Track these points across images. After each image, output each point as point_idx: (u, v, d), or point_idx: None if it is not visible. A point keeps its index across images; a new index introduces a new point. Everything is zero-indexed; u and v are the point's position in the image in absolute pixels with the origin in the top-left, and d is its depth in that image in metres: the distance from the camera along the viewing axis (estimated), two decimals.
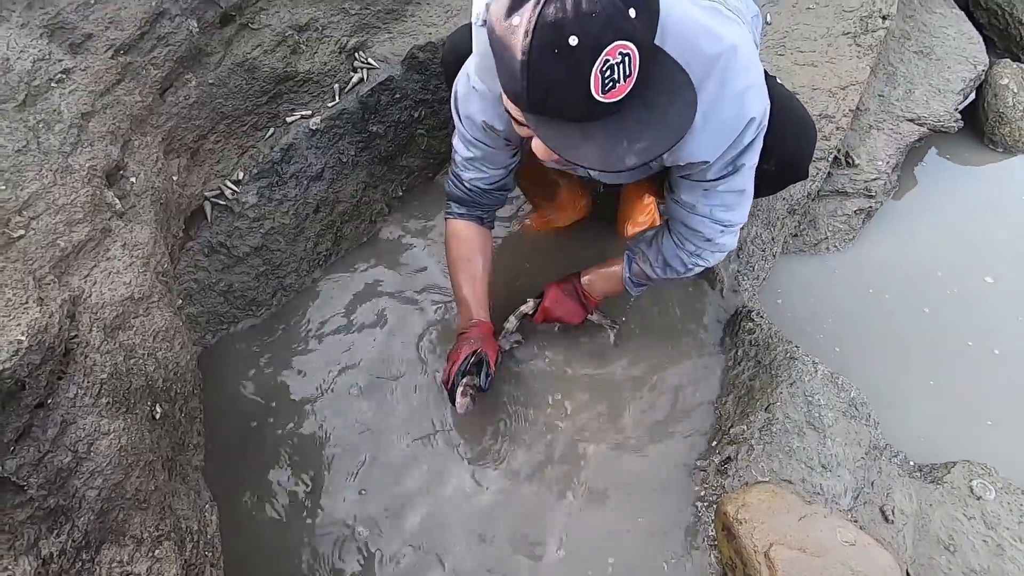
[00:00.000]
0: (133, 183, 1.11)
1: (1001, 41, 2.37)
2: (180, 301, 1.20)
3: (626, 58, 0.68)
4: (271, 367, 1.47)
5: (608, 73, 0.68)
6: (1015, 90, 1.99)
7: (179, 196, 1.29)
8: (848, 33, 1.91)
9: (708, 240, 1.14)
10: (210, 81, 1.42)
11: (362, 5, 1.67)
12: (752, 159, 1.02)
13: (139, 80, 1.24)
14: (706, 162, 0.99)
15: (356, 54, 1.66)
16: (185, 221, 1.34)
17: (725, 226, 1.12)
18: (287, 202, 1.52)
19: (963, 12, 2.25)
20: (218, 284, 1.43)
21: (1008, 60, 2.12)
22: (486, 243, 1.34)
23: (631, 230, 1.60)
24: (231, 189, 1.42)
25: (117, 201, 1.02)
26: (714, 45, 0.88)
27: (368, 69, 1.65)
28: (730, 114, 0.93)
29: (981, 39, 2.10)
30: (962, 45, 2.06)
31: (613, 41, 0.67)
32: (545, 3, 0.67)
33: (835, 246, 1.78)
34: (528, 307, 1.40)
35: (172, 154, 1.31)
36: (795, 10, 1.96)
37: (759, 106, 0.95)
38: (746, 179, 1.05)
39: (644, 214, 1.62)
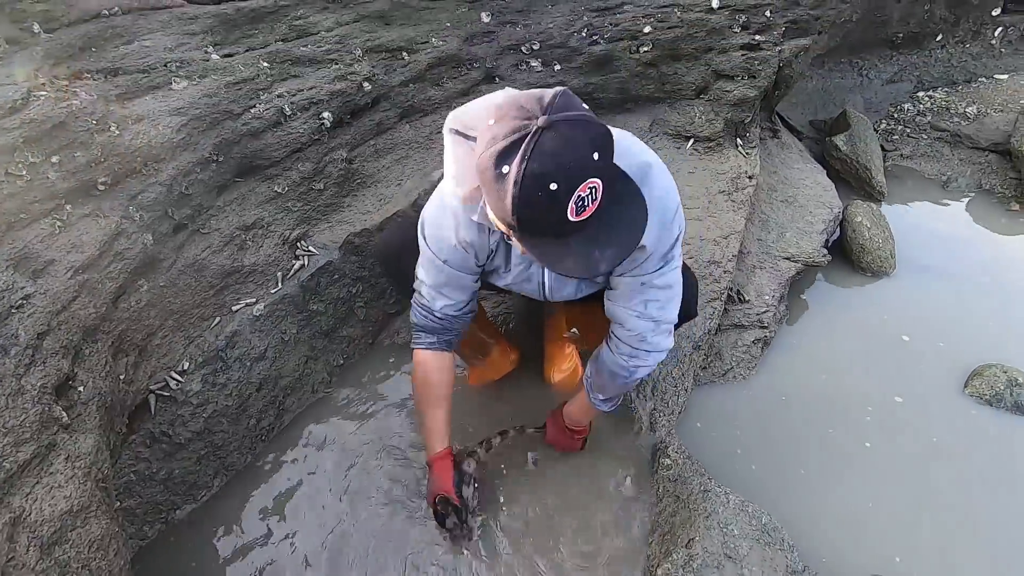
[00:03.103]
0: (81, 392, 1.21)
1: (855, 182, 2.83)
2: (118, 503, 1.24)
3: (593, 190, 0.90)
4: (211, 556, 1.47)
5: (580, 203, 0.89)
6: (868, 225, 2.36)
7: (124, 394, 1.38)
8: (723, 191, 2.27)
9: (642, 340, 1.26)
10: (161, 284, 1.58)
11: (304, 202, 1.92)
12: (679, 253, 1.22)
13: (94, 294, 1.38)
14: (644, 248, 1.16)
15: (298, 243, 1.88)
16: (129, 416, 1.42)
17: (656, 322, 1.25)
18: (231, 384, 1.62)
19: (819, 163, 2.71)
20: (158, 473, 1.48)
21: (859, 200, 2.52)
22: (451, 370, 1.47)
23: (556, 377, 1.76)
24: (175, 380, 1.53)
25: (64, 414, 1.11)
26: (643, 155, 1.15)
27: (309, 256, 1.86)
28: (662, 203, 1.15)
29: (833, 186, 2.52)
30: (819, 193, 2.46)
31: (584, 180, 0.88)
32: (530, 159, 0.86)
33: (741, 374, 1.97)
34: (470, 468, 1.52)
35: (121, 355, 1.42)
36: (678, 174, 2.33)
37: (677, 200, 1.19)
38: (675, 275, 1.23)
39: (567, 361, 1.80)
